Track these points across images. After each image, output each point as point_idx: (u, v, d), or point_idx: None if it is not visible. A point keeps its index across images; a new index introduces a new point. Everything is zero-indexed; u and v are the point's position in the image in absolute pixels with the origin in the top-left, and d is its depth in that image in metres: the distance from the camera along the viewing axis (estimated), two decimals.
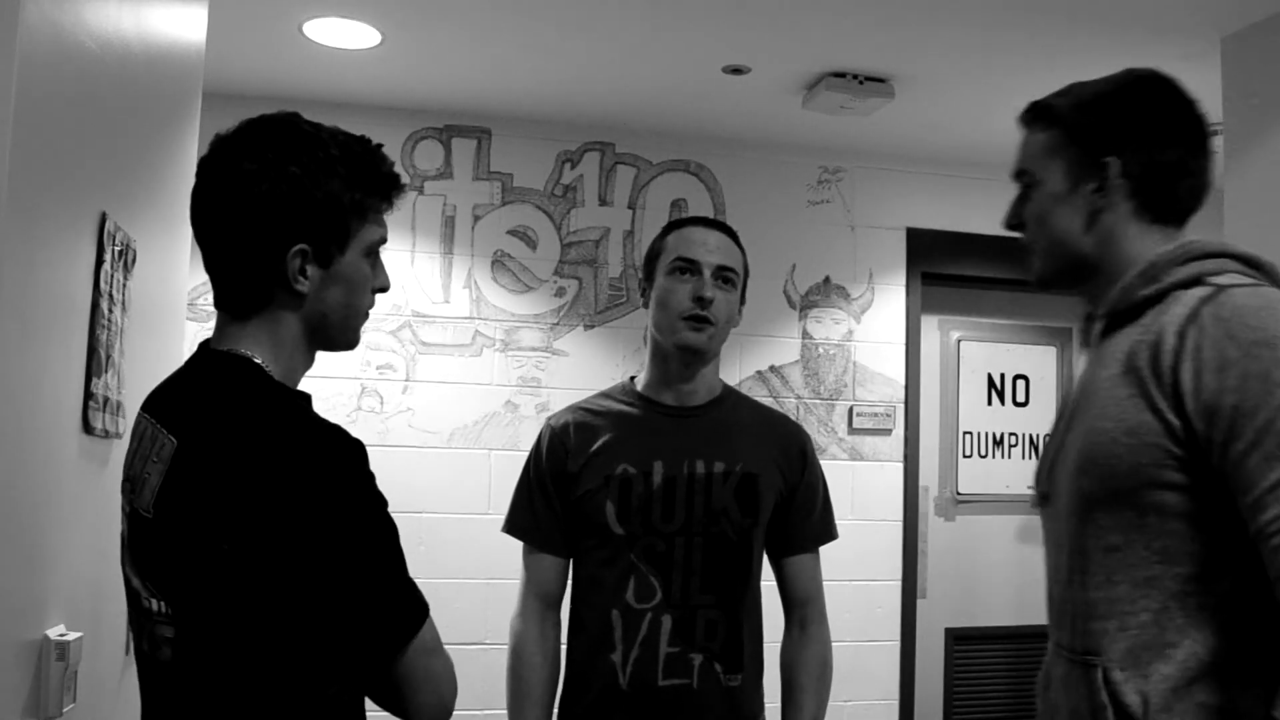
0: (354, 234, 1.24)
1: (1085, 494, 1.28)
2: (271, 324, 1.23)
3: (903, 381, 4.03)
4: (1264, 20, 2.75)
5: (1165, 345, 1.21)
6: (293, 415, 1.17)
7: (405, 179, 1.30)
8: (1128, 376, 1.25)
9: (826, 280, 4.02)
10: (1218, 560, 1.20)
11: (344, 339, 1.29)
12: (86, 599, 1.56)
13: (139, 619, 1.19)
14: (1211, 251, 1.29)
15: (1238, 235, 2.81)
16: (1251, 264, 1.29)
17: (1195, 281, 1.25)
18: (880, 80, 3.33)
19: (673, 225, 1.90)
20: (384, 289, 1.30)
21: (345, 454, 1.14)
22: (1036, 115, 1.41)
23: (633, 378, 1.94)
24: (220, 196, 1.20)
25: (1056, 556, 1.35)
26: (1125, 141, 1.32)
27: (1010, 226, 1.45)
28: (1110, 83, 1.38)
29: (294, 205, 1.19)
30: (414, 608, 1.16)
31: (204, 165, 1.23)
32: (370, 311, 1.30)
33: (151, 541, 1.15)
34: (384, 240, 1.29)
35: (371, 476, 1.15)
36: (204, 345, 1.26)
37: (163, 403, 1.22)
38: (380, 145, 1.27)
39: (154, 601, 1.15)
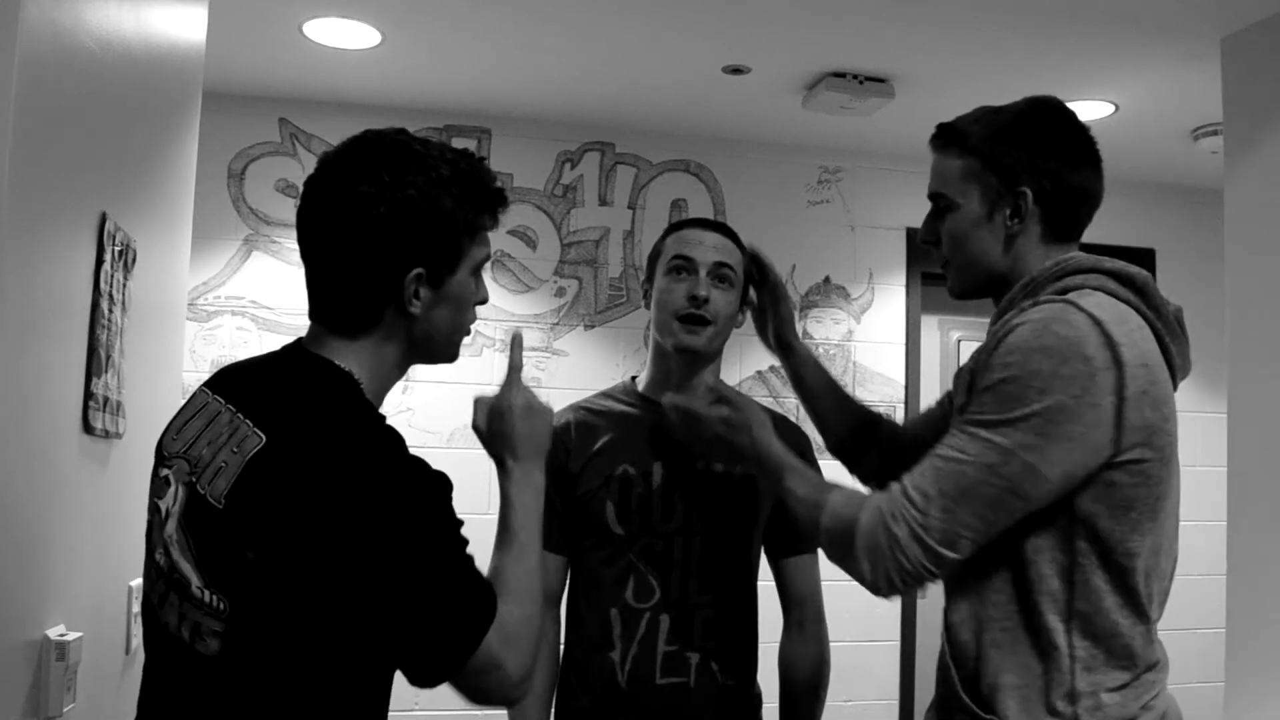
0: (465, 254, 1.24)
1: None
2: (376, 345, 1.23)
3: (903, 381, 4.03)
4: (1264, 20, 2.75)
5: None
6: (387, 440, 1.16)
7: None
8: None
9: (826, 280, 4.03)
10: None
11: (447, 355, 1.31)
12: (86, 599, 1.56)
13: (183, 606, 1.15)
14: (1084, 267, 1.40)
15: (1238, 235, 2.82)
16: (1123, 279, 1.38)
17: (1064, 293, 1.36)
18: (880, 80, 3.33)
19: (673, 227, 1.89)
20: (484, 302, 1.31)
21: (429, 481, 1.15)
22: (949, 140, 1.51)
23: (634, 378, 1.94)
24: (335, 219, 1.19)
25: None
26: (1038, 172, 1.43)
27: (926, 243, 1.55)
28: (1017, 112, 1.49)
29: (412, 229, 1.18)
30: (473, 622, 1.15)
31: (313, 186, 1.22)
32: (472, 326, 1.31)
33: (218, 534, 1.13)
34: (490, 257, 1.30)
35: (449, 506, 1.17)
36: (299, 346, 1.25)
37: (246, 393, 1.20)
38: (483, 159, 1.27)
39: (208, 593, 1.13)
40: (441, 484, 1.17)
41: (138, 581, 1.82)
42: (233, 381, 1.24)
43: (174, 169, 2.13)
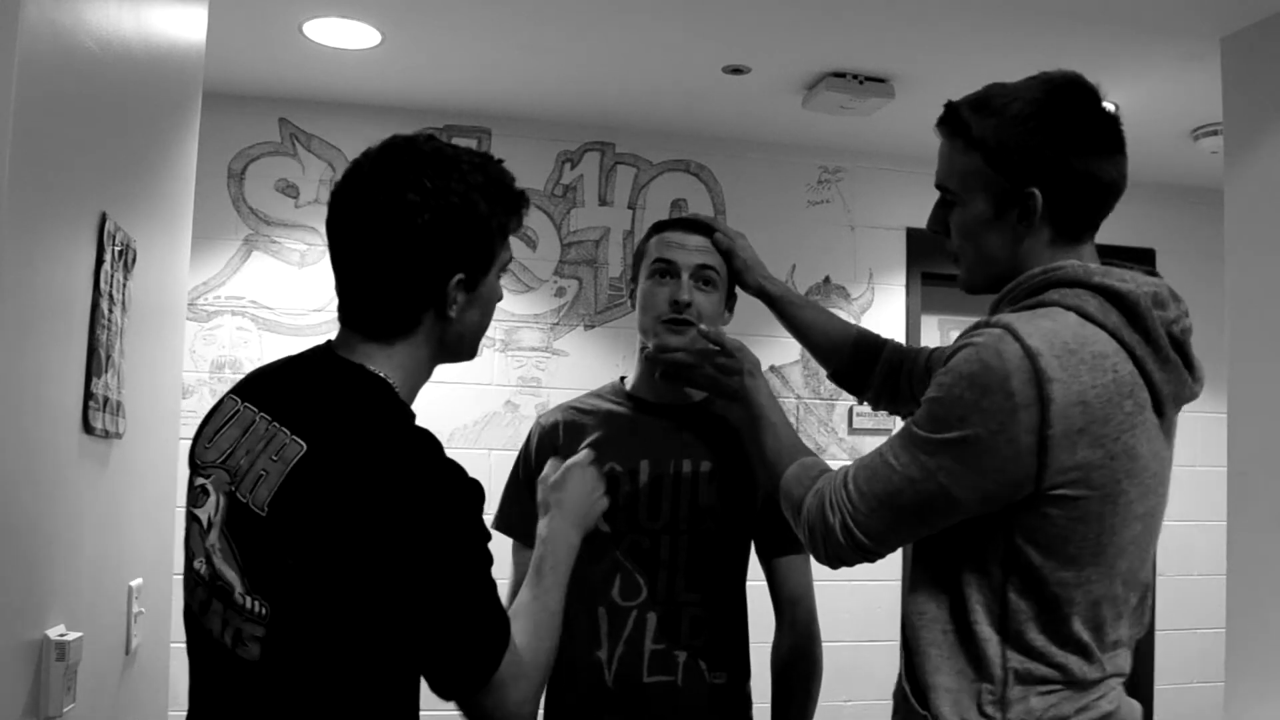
0: (496, 256, 1.27)
1: None
2: (412, 348, 1.25)
3: None
4: (1264, 20, 2.75)
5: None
6: (427, 446, 1.18)
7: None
8: None
9: (826, 280, 4.02)
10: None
11: (471, 354, 1.33)
12: (86, 599, 1.56)
13: (227, 613, 1.17)
14: (1069, 279, 1.32)
15: (1238, 235, 2.82)
16: (1111, 296, 1.29)
17: (1040, 306, 1.33)
18: (880, 80, 3.33)
19: (655, 228, 1.88)
20: (500, 299, 1.33)
21: (466, 492, 1.18)
22: (955, 130, 1.42)
23: (623, 378, 1.95)
24: (380, 228, 1.20)
25: None
26: (1047, 172, 1.33)
27: (934, 231, 1.48)
28: (1028, 100, 1.36)
29: (455, 235, 1.21)
30: (490, 648, 1.18)
31: (349, 193, 1.23)
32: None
33: (261, 541, 1.15)
34: (511, 258, 1.32)
35: (480, 519, 1.19)
36: (330, 351, 1.26)
37: (280, 401, 1.22)
38: (502, 161, 1.29)
39: (250, 599, 1.15)
40: (476, 495, 1.19)
41: (138, 581, 1.82)
42: (264, 389, 1.25)
43: (174, 169, 2.13)
